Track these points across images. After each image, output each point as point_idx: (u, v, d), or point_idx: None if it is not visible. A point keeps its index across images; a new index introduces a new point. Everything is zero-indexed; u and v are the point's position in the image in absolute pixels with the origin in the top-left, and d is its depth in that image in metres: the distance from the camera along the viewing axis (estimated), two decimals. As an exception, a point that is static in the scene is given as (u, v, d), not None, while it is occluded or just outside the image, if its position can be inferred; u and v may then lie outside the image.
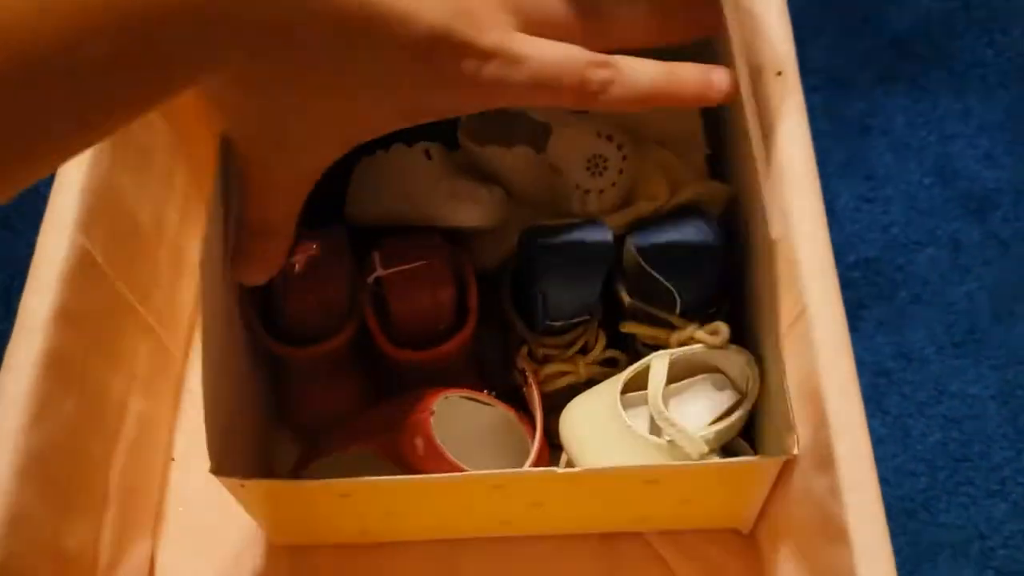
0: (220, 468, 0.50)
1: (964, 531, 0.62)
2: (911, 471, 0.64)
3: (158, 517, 0.63)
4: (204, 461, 0.63)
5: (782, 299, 0.50)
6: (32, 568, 0.47)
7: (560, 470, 0.51)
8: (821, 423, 0.46)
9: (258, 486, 0.52)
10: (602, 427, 0.56)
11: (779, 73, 0.55)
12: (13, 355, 0.50)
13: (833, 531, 0.44)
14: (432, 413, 0.56)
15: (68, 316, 0.52)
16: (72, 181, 0.55)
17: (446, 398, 0.57)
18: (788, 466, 0.50)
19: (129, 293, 0.59)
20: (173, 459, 0.65)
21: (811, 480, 0.47)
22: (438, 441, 0.54)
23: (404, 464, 0.54)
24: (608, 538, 0.61)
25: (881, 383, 0.65)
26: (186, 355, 0.68)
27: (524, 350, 0.59)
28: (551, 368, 0.59)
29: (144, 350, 0.61)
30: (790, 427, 0.48)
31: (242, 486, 0.51)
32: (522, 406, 0.60)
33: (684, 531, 0.60)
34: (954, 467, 0.64)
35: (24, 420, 0.48)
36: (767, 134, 0.54)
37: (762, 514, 0.57)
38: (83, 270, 0.54)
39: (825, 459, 0.45)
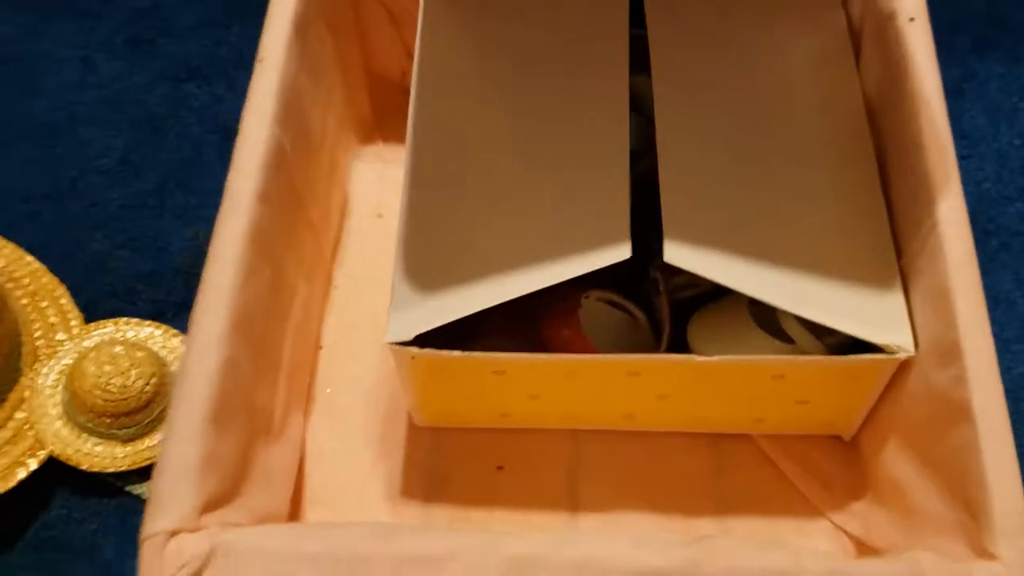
0: (398, 337, 0.56)
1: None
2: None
3: (308, 397, 0.69)
4: (349, 351, 0.70)
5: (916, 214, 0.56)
6: (234, 411, 0.53)
7: (698, 358, 0.57)
8: (948, 323, 0.52)
9: (426, 357, 0.57)
10: (731, 331, 0.62)
11: (912, 19, 0.61)
12: (223, 227, 0.56)
13: (955, 415, 0.50)
14: (580, 307, 0.62)
15: (264, 198, 0.58)
16: (269, 79, 0.61)
17: (587, 297, 0.64)
18: (905, 366, 0.56)
19: (302, 186, 0.65)
20: (321, 347, 0.71)
21: (931, 375, 0.53)
22: (584, 331, 0.60)
23: (548, 352, 0.60)
24: (717, 438, 0.67)
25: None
26: (333, 257, 0.74)
27: (657, 261, 0.65)
28: (680, 279, 0.65)
29: (307, 242, 0.67)
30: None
31: (412, 357, 0.57)
32: (649, 314, 0.66)
33: (789, 436, 0.66)
34: (1037, 400, 0.70)
35: (236, 280, 0.54)
36: (902, 74, 0.60)
37: (867, 420, 0.63)
38: (276, 159, 0.60)
39: (950, 353, 0.51)
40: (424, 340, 0.57)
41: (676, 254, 0.55)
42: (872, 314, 0.56)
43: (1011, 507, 0.46)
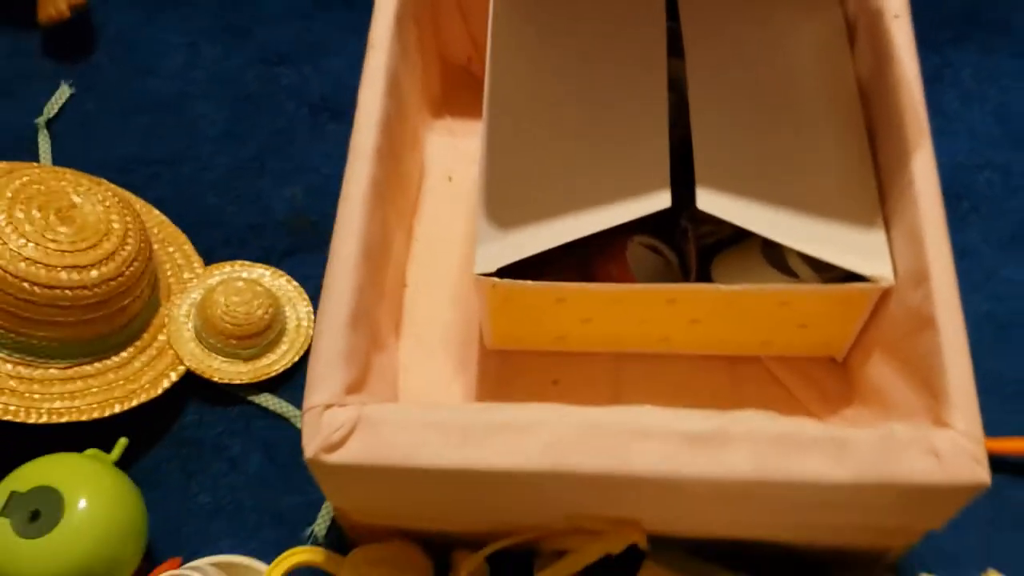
0: (482, 269, 0.70)
1: (1008, 368, 0.83)
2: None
3: (397, 326, 0.83)
4: (430, 289, 0.85)
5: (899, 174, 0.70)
6: (362, 319, 0.67)
7: (721, 287, 0.72)
8: (920, 255, 0.66)
9: (504, 286, 0.72)
10: (746, 268, 0.77)
11: (896, 16, 0.75)
12: (351, 172, 0.70)
13: (924, 325, 0.65)
14: (626, 248, 0.77)
15: (378, 152, 0.72)
16: (378, 60, 0.75)
17: (631, 241, 0.78)
18: (886, 292, 0.71)
19: (399, 148, 0.80)
20: (406, 285, 0.85)
21: (906, 297, 0.68)
22: (632, 266, 0.75)
23: (600, 286, 0.75)
24: (733, 361, 0.81)
25: (943, 269, 0.86)
26: (414, 211, 0.88)
27: (687, 212, 0.79)
28: (705, 228, 0.80)
29: (400, 196, 0.82)
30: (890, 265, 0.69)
31: (493, 286, 0.72)
32: (680, 257, 0.81)
33: (793, 357, 0.81)
34: (996, 333, 0.85)
35: (363, 216, 0.69)
36: (887, 61, 0.74)
37: (856, 342, 0.77)
38: (383, 123, 0.74)
39: (921, 277, 0.66)
40: (501, 273, 0.71)
41: (706, 202, 0.69)
42: (861, 251, 0.71)
43: (963, 389, 0.61)
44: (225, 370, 0.82)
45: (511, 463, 0.59)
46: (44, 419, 0.75)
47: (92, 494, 0.69)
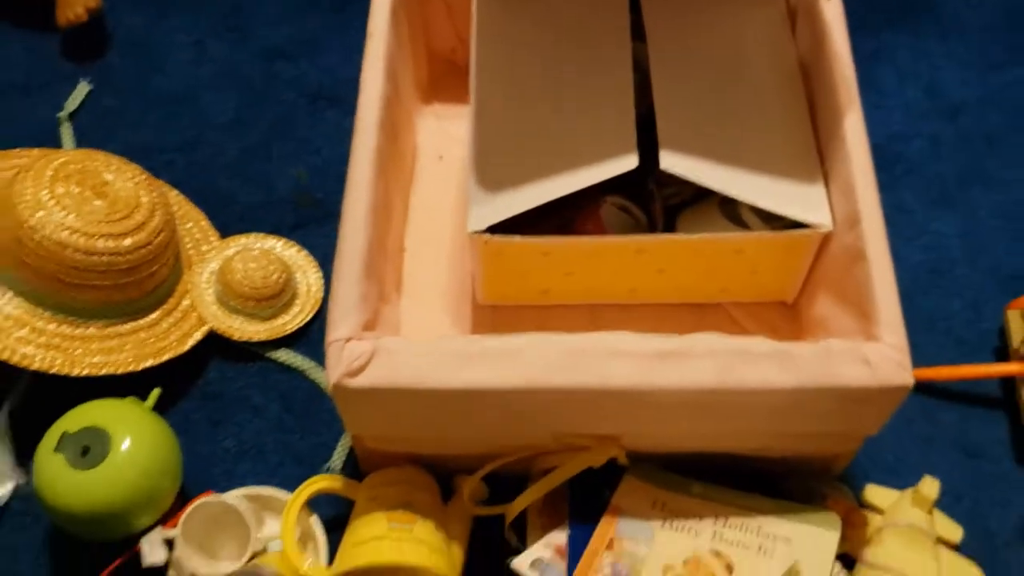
0: (475, 227, 0.80)
1: (938, 308, 0.94)
2: (897, 278, 0.95)
3: (398, 286, 0.93)
4: (426, 253, 0.95)
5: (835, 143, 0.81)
6: (373, 269, 0.77)
7: (683, 236, 0.82)
8: (852, 202, 0.77)
9: (496, 242, 0.82)
10: (706, 223, 0.87)
11: (828, 0, 0.87)
12: (358, 141, 0.80)
13: (857, 258, 0.75)
14: (601, 208, 0.87)
15: (380, 126, 0.82)
16: (378, 47, 0.85)
17: (605, 201, 0.88)
18: (827, 237, 0.81)
19: (397, 126, 0.89)
20: (405, 250, 0.95)
21: (843, 238, 0.78)
22: (606, 223, 0.85)
23: (579, 239, 0.85)
24: (697, 308, 0.92)
25: (882, 226, 0.97)
26: (409, 186, 0.98)
27: (653, 176, 0.90)
28: (669, 190, 0.90)
29: (398, 170, 0.92)
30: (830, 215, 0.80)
31: (486, 243, 0.82)
32: (648, 216, 0.91)
33: (750, 303, 0.91)
34: (928, 278, 0.96)
35: (370, 179, 0.78)
36: (823, 39, 0.85)
37: (803, 287, 0.88)
38: (383, 102, 0.84)
39: (854, 220, 0.76)
40: (493, 231, 0.81)
41: (669, 162, 0.80)
42: (803, 202, 0.81)
43: (890, 309, 0.71)
44: (244, 329, 0.91)
45: (505, 382, 0.69)
46: (86, 371, 0.84)
47: (134, 433, 0.78)
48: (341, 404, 0.72)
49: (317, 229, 0.99)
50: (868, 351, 0.69)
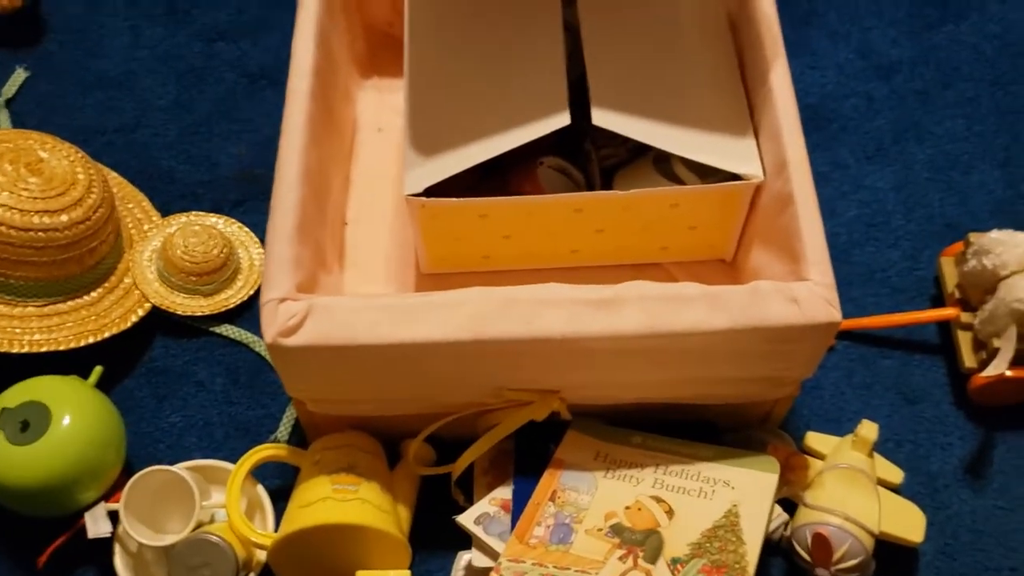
0: (411, 190, 0.81)
1: (875, 260, 0.96)
2: (835, 233, 0.97)
3: (340, 257, 0.93)
4: (369, 225, 0.95)
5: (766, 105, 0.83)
6: (308, 231, 0.77)
7: (620, 192, 0.83)
8: (780, 149, 0.78)
9: (432, 205, 0.82)
10: (641, 181, 0.88)
11: (755, -38, 0.88)
12: (289, 110, 0.80)
13: (785, 203, 0.76)
14: (537, 170, 0.88)
15: (312, 95, 0.82)
16: (309, 17, 0.85)
17: (541, 163, 0.89)
18: (759, 188, 0.83)
19: (332, 97, 0.90)
20: (346, 223, 0.95)
21: (773, 186, 0.80)
22: (543, 185, 0.86)
23: (516, 201, 0.86)
24: (639, 267, 0.93)
25: (818, 182, 0.98)
26: (349, 157, 0.98)
27: (589, 138, 0.91)
28: (605, 151, 0.91)
29: (335, 142, 0.92)
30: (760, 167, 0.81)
31: (423, 206, 0.82)
32: (585, 176, 0.92)
33: (690, 262, 0.92)
34: (865, 231, 0.97)
35: (301, 145, 0.78)
36: (753, 15, 0.86)
37: (739, 244, 0.89)
38: (315, 69, 0.84)
39: (781, 167, 0.78)
40: (429, 194, 0.82)
41: (601, 118, 0.81)
42: (735, 155, 0.83)
43: (817, 249, 0.72)
44: (187, 304, 0.91)
45: (442, 335, 0.69)
46: (25, 349, 0.83)
47: (75, 407, 0.78)
48: (279, 365, 0.73)
49: (259, 206, 0.99)
50: (796, 290, 0.70)
